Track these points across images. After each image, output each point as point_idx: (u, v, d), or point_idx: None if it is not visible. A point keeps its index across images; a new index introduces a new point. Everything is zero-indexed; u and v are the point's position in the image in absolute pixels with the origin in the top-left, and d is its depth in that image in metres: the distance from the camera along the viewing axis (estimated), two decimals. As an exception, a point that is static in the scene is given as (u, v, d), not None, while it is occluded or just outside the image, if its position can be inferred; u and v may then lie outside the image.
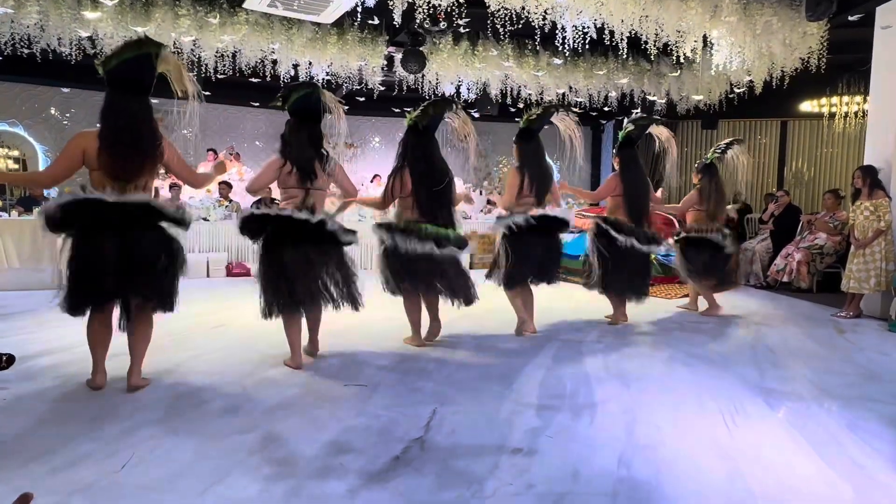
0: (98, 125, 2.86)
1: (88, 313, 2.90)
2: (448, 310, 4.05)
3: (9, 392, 2.91)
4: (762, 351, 4.01)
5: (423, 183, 3.75)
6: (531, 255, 4.20)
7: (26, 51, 6.33)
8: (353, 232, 3.45)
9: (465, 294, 3.87)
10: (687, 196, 5.46)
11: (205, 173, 3.59)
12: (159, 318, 3.22)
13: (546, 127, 4.40)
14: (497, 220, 4.27)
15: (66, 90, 9.44)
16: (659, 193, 5.28)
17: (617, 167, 4.82)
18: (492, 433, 2.52)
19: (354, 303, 3.47)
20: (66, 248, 2.83)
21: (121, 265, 2.80)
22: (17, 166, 9.51)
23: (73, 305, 2.82)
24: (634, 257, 4.60)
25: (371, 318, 4.39)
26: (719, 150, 5.36)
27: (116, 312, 2.98)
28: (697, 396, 3.03)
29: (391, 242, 3.68)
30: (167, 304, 2.98)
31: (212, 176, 3.55)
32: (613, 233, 4.54)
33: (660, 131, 5.01)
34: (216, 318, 4.80)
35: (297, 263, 3.24)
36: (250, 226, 3.32)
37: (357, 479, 2.10)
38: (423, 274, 3.74)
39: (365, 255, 8.26)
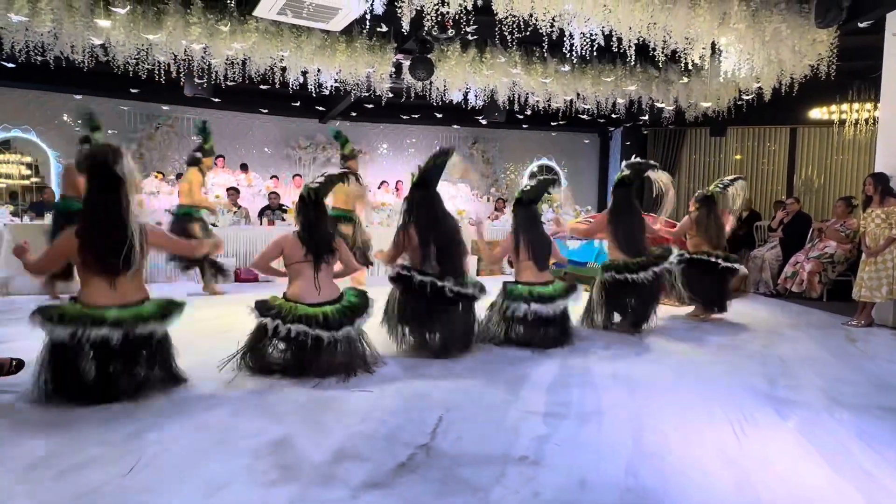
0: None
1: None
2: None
3: (17, 396, 2.93)
4: (772, 359, 3.97)
5: (430, 238, 3.82)
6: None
7: (40, 58, 6.41)
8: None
9: (464, 342, 3.94)
10: (682, 223, 5.56)
11: (198, 242, 3.80)
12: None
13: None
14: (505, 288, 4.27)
15: (78, 97, 9.56)
16: (657, 225, 5.37)
17: (609, 207, 4.95)
18: (498, 440, 2.51)
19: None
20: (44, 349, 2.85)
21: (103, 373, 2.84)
22: (30, 172, 9.64)
23: (50, 395, 2.83)
24: (639, 289, 4.61)
25: (376, 324, 4.39)
26: (722, 185, 5.48)
27: None
28: (706, 404, 3.00)
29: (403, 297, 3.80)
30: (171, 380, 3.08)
31: (203, 245, 3.64)
32: (622, 276, 4.57)
33: (659, 176, 5.07)
34: (224, 323, 4.81)
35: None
36: None
37: (362, 485, 2.09)
38: (429, 322, 3.83)
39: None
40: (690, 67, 6.20)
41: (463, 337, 3.93)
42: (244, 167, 10.44)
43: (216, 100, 9.03)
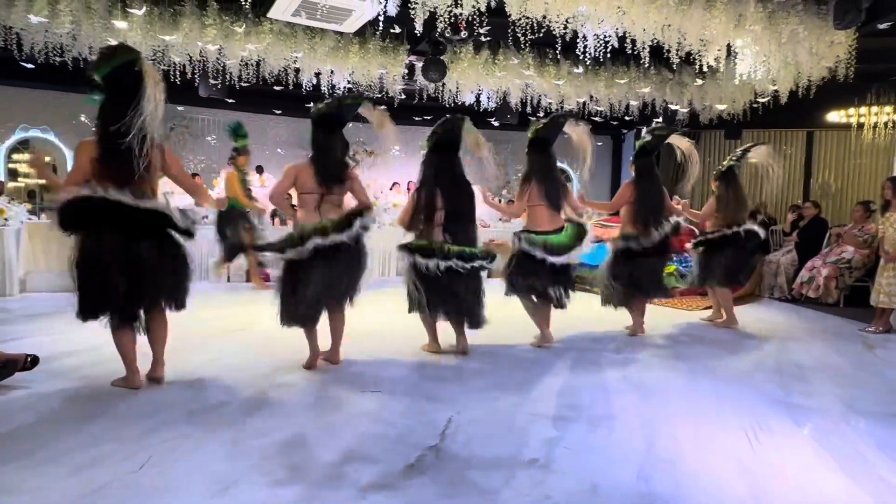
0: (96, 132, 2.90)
1: (111, 320, 2.95)
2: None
3: (32, 392, 2.97)
4: (787, 365, 3.91)
5: (441, 202, 3.78)
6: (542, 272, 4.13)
7: (59, 59, 6.51)
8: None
9: (475, 316, 3.87)
10: (706, 205, 5.38)
11: (204, 188, 3.67)
12: (181, 322, 3.28)
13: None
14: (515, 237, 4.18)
15: (96, 98, 9.67)
16: (680, 205, 5.19)
17: (632, 175, 4.78)
18: (508, 443, 2.49)
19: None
20: (74, 250, 2.87)
21: (131, 272, 2.85)
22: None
23: (85, 311, 2.88)
24: (648, 262, 4.56)
25: (389, 325, 4.41)
26: (736, 157, 5.26)
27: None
28: (719, 410, 2.96)
29: (412, 261, 3.71)
30: (179, 304, 3.09)
31: (207, 196, 3.58)
32: (634, 246, 4.51)
33: (680, 142, 4.94)
34: (236, 321, 4.85)
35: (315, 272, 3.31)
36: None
37: (370, 486, 2.09)
38: (440, 293, 3.73)
39: (384, 263, 8.29)
40: (705, 69, 6.13)
41: (473, 309, 3.84)
42: (259, 169, 10.52)
43: (230, 101, 9.09)
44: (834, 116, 8.86)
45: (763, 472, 2.28)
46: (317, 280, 3.30)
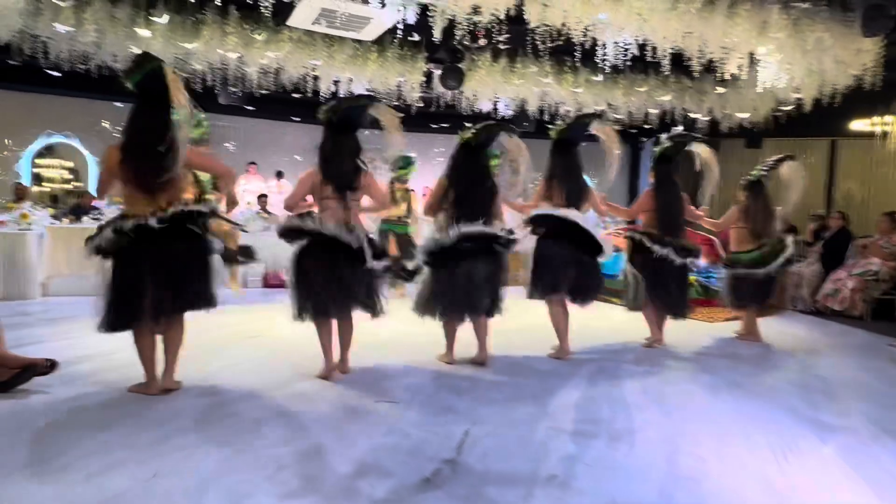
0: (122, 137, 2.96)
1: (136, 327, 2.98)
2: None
3: (49, 397, 2.98)
4: (813, 381, 3.79)
5: (466, 193, 3.76)
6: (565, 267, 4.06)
7: (83, 66, 6.63)
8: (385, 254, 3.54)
9: (492, 306, 3.82)
10: (728, 213, 5.20)
11: (232, 172, 3.51)
12: (196, 328, 3.29)
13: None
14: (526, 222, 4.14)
15: (118, 104, 9.85)
16: (701, 211, 5.08)
17: (652, 182, 4.70)
18: (525, 458, 2.43)
19: (374, 310, 3.52)
20: (105, 270, 2.91)
21: (160, 280, 2.89)
22: (71, 176, 9.96)
23: (112, 325, 2.92)
24: (672, 271, 4.45)
25: (406, 334, 4.37)
26: (766, 168, 5.11)
27: None
28: (743, 427, 2.87)
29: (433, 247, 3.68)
30: (210, 303, 3.09)
31: (231, 182, 3.55)
32: (648, 243, 4.41)
33: (701, 149, 4.83)
34: (251, 328, 4.86)
35: (328, 275, 3.30)
36: (289, 234, 3.39)
37: (384, 500, 2.05)
38: (464, 280, 3.67)
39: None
40: (727, 77, 6.05)
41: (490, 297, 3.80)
42: (280, 174, 10.63)
43: (250, 108, 9.20)
44: (858, 125, 8.68)
45: (790, 493, 2.20)
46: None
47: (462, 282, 3.66)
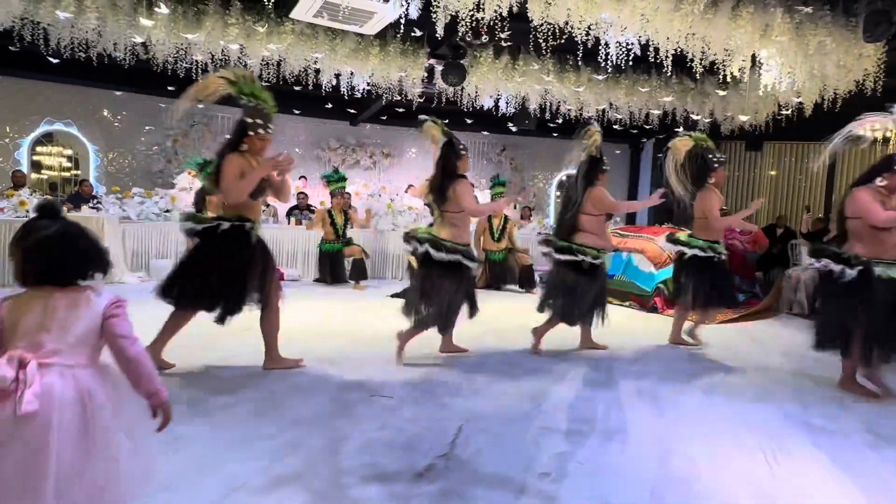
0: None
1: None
2: (476, 325, 4.01)
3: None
4: (806, 384, 3.81)
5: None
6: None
7: (83, 54, 6.61)
8: None
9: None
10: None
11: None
12: (192, 319, 3.29)
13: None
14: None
15: (118, 93, 9.82)
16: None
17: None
18: (518, 455, 2.45)
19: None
20: (189, 256, 3.32)
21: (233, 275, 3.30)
22: (70, 164, 9.94)
23: (184, 305, 3.26)
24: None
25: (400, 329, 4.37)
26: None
27: None
28: (735, 429, 2.89)
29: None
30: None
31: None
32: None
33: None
34: (246, 320, 4.85)
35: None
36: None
37: (377, 494, 2.06)
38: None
39: (396, 265, 8.27)
40: (729, 80, 6.05)
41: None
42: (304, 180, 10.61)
43: (250, 100, 9.16)
44: (859, 130, 8.68)
45: (781, 496, 2.21)
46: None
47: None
